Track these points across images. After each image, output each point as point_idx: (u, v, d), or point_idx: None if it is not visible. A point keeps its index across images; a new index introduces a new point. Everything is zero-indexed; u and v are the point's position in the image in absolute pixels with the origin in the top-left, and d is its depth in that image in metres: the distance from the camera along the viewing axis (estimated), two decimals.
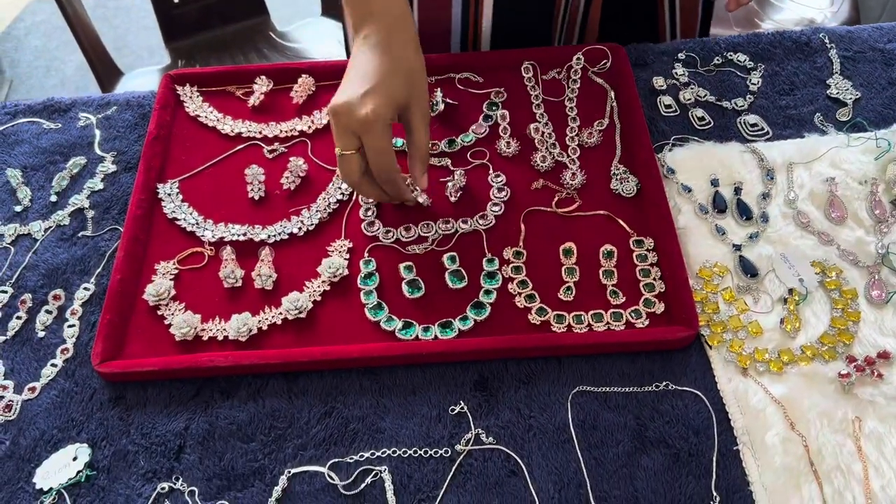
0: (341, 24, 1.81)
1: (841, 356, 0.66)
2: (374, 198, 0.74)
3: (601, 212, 0.77)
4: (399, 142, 0.81)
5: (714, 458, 0.62)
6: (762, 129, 0.83)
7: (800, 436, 0.62)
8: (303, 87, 0.89)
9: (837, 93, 0.85)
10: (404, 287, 0.72)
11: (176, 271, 0.75)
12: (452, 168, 0.81)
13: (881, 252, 0.71)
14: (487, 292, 0.72)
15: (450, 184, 0.79)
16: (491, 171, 0.81)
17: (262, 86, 0.89)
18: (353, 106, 0.65)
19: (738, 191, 0.77)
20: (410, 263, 0.73)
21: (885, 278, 0.70)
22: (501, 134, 0.84)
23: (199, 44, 1.73)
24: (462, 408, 0.66)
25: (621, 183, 0.79)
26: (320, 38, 1.78)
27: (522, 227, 0.77)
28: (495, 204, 0.78)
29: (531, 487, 0.61)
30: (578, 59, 0.89)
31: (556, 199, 0.79)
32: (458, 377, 0.68)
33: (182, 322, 0.70)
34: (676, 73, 0.88)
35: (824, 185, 0.77)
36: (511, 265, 0.74)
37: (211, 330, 0.70)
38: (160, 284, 0.72)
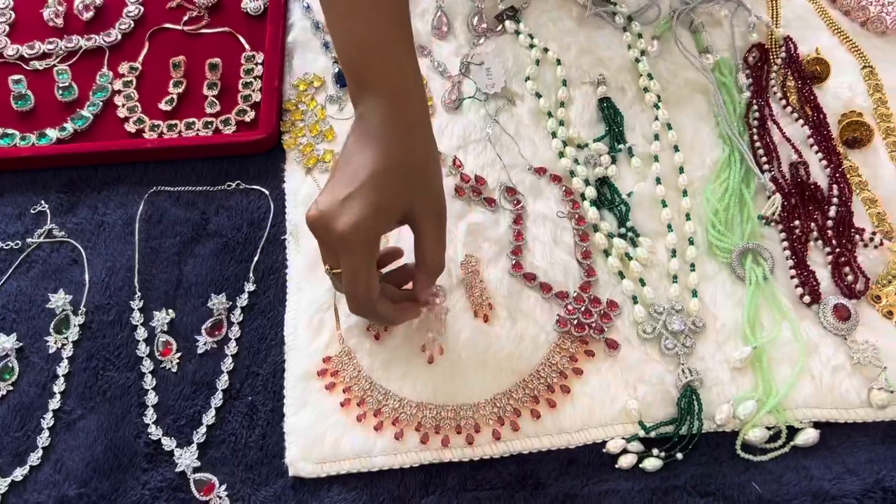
0: None
1: None
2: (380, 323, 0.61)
3: (224, 29, 0.80)
4: None
5: (261, 246, 0.68)
6: None
7: None
8: None
9: None
10: (12, 100, 0.75)
11: None
12: None
13: (465, 62, 0.75)
14: (93, 105, 0.75)
15: (78, 1, 0.80)
16: None
17: None
18: (329, 216, 0.51)
19: None
20: (21, 77, 0.75)
21: (461, 87, 0.74)
22: None
23: None
24: (44, 207, 0.70)
25: (252, 1, 0.81)
26: None
27: (147, 43, 0.79)
28: (123, 21, 0.80)
29: (86, 273, 0.67)
30: None
31: (185, 17, 0.81)
32: (48, 181, 0.71)
33: None
34: None
35: (436, 0, 0.79)
36: (123, 79, 0.76)
37: None
38: None
